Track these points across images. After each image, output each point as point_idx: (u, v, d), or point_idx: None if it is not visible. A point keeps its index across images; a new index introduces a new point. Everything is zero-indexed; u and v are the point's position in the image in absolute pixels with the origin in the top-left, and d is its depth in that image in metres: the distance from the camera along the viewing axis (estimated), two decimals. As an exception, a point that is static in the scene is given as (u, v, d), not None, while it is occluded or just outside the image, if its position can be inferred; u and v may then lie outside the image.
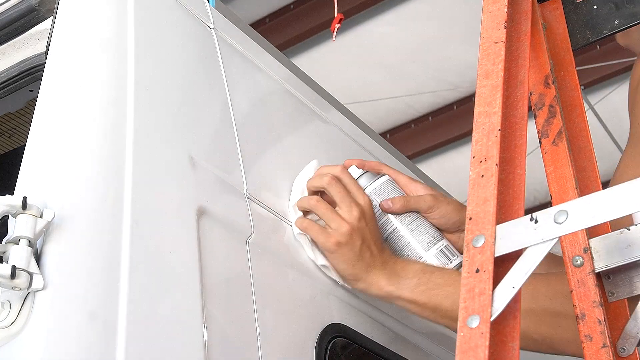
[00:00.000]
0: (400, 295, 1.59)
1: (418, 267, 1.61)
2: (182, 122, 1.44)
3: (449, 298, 1.55)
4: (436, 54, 6.16)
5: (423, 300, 1.57)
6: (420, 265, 1.62)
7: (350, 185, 1.65)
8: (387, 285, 1.59)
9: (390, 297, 1.61)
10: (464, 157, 6.79)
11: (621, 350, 1.12)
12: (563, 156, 1.21)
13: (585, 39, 1.41)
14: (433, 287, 1.57)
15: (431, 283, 1.57)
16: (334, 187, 1.62)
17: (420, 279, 1.58)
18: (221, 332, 1.32)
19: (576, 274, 1.15)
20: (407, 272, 1.60)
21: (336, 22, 2.24)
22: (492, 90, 1.11)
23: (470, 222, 1.02)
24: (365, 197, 1.64)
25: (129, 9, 1.42)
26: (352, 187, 1.64)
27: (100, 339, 1.12)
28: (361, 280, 1.61)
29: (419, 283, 1.58)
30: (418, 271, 1.60)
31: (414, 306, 1.59)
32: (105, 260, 1.18)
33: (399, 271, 1.60)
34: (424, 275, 1.59)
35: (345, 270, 1.61)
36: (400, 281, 1.59)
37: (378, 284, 1.60)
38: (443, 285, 1.56)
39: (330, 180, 1.63)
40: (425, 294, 1.57)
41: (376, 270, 1.60)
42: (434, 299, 1.56)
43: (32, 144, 1.28)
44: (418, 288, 1.58)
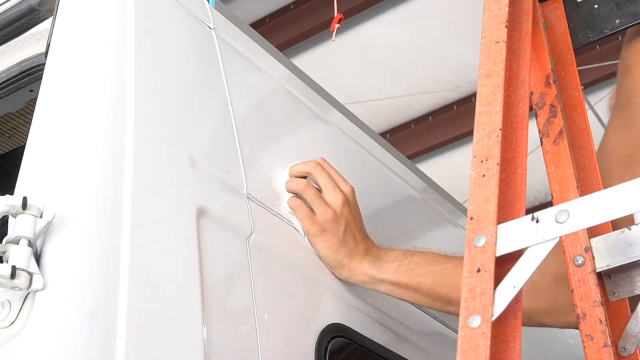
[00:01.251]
0: (384, 278, 1.64)
1: (399, 251, 1.67)
2: (182, 122, 1.44)
3: (429, 276, 1.60)
4: (436, 54, 6.16)
5: (405, 280, 1.62)
6: (401, 250, 1.67)
7: (333, 172, 1.68)
8: (370, 270, 1.64)
9: (373, 280, 1.65)
10: (464, 157, 6.79)
11: (622, 349, 1.12)
12: (564, 156, 1.21)
13: (586, 39, 1.41)
14: (414, 267, 1.62)
15: (412, 264, 1.62)
16: (319, 171, 1.66)
17: (402, 261, 1.64)
18: (221, 332, 1.32)
19: (577, 274, 1.15)
20: (389, 256, 1.65)
21: (336, 22, 2.24)
22: (493, 89, 1.11)
23: (471, 221, 1.02)
24: (347, 185, 1.67)
25: (129, 9, 1.42)
26: (335, 174, 1.68)
27: (100, 339, 1.12)
28: (345, 267, 1.65)
29: (401, 265, 1.63)
30: (399, 255, 1.65)
31: (397, 288, 1.64)
32: (105, 260, 1.18)
33: (382, 256, 1.66)
34: (405, 258, 1.64)
35: (328, 257, 1.64)
36: (383, 265, 1.64)
37: (362, 269, 1.64)
38: (423, 264, 1.61)
39: (315, 165, 1.66)
40: (406, 274, 1.62)
41: (359, 256, 1.65)
42: (415, 279, 1.61)
43: (32, 144, 1.28)
44: (400, 269, 1.63)
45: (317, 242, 1.64)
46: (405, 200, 2.12)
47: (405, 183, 2.12)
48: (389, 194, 2.05)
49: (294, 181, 1.66)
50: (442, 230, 2.28)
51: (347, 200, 1.65)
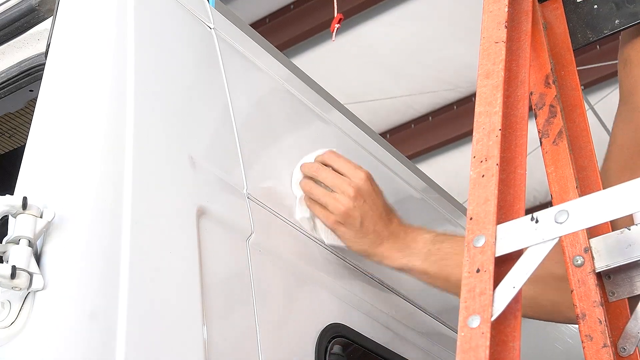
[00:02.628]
0: (413, 267, 1.62)
1: (428, 236, 1.63)
2: (182, 122, 1.44)
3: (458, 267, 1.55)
4: (436, 54, 6.16)
5: (434, 270, 1.59)
6: (431, 235, 1.64)
7: (342, 165, 1.65)
8: (400, 258, 1.62)
9: (403, 269, 1.64)
10: (464, 157, 6.79)
11: (622, 350, 1.12)
12: (564, 156, 1.21)
13: (585, 39, 1.41)
14: (444, 257, 1.59)
15: (441, 252, 1.60)
16: (322, 173, 1.65)
17: (431, 249, 1.61)
18: (221, 332, 1.32)
19: (577, 274, 1.15)
20: (417, 242, 1.63)
21: (336, 22, 2.23)
22: (493, 90, 1.11)
23: (470, 222, 1.02)
24: (360, 173, 1.64)
25: (129, 9, 1.42)
26: (343, 167, 1.65)
27: (100, 339, 1.12)
28: (372, 255, 1.64)
29: (429, 253, 1.60)
30: (428, 241, 1.62)
31: (427, 277, 1.62)
32: (105, 260, 1.18)
33: (410, 242, 1.63)
34: (434, 245, 1.61)
35: (352, 247, 1.64)
36: (412, 253, 1.62)
37: (390, 257, 1.63)
38: (453, 254, 1.58)
39: (317, 167, 1.65)
40: (436, 264, 1.59)
41: (386, 243, 1.63)
42: (445, 269, 1.58)
43: (32, 144, 1.28)
44: (429, 259, 1.60)
45: (338, 234, 1.64)
46: (405, 200, 2.12)
47: (405, 183, 2.12)
48: (389, 194, 2.05)
49: (303, 182, 1.66)
50: (442, 230, 2.28)
51: (359, 190, 1.62)
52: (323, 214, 1.63)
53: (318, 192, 1.64)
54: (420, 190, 2.21)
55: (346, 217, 1.61)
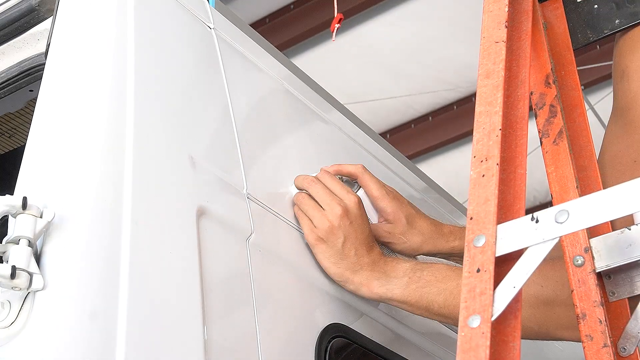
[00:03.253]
0: (392, 297, 1.59)
1: (408, 265, 1.60)
2: (182, 122, 1.44)
3: (440, 295, 1.55)
4: (436, 54, 6.16)
5: (415, 299, 1.57)
6: (410, 264, 1.61)
7: (333, 185, 1.64)
8: (378, 287, 1.59)
9: (380, 299, 1.61)
10: (464, 157, 6.79)
11: (622, 349, 1.12)
12: (564, 156, 1.21)
13: (586, 39, 1.41)
14: (424, 285, 1.56)
15: (422, 281, 1.57)
16: (314, 187, 1.63)
17: (411, 277, 1.58)
18: (221, 332, 1.32)
19: (577, 274, 1.15)
20: (397, 271, 1.59)
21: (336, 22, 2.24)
22: (493, 89, 1.11)
23: (471, 221, 1.02)
24: (351, 196, 1.62)
25: (129, 9, 1.42)
26: (336, 187, 1.63)
27: (100, 339, 1.12)
28: (349, 282, 1.60)
29: (410, 282, 1.57)
30: (408, 270, 1.59)
31: (406, 306, 1.59)
32: (105, 260, 1.18)
33: (389, 271, 1.59)
34: (414, 274, 1.58)
35: (329, 269, 1.60)
36: (390, 281, 1.58)
37: (368, 285, 1.59)
38: (434, 282, 1.56)
39: (310, 181, 1.64)
40: (416, 292, 1.56)
41: (364, 271, 1.59)
42: (426, 297, 1.56)
43: (32, 144, 1.28)
44: (409, 287, 1.57)
45: (316, 252, 1.60)
46: (405, 200, 2.11)
47: (405, 183, 2.12)
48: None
49: (297, 193, 1.65)
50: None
51: (347, 211, 1.60)
52: (308, 227, 1.60)
53: (307, 204, 1.61)
54: (420, 190, 2.21)
55: (329, 234, 1.58)
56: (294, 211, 1.64)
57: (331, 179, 1.65)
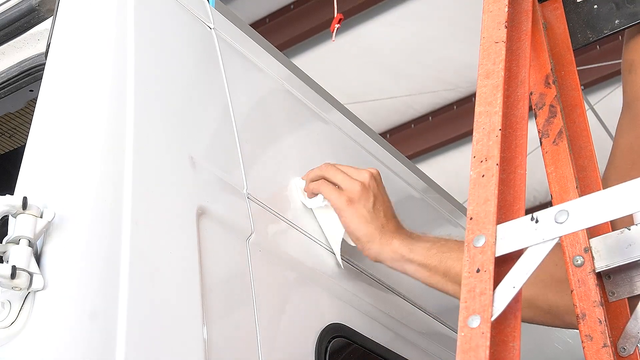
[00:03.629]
0: (413, 258, 1.61)
1: (432, 236, 1.65)
2: (182, 122, 1.44)
3: (459, 261, 1.56)
4: (436, 54, 6.16)
5: (434, 263, 1.59)
6: (434, 236, 1.65)
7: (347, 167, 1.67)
8: (401, 247, 1.61)
9: (402, 259, 1.62)
10: (464, 157, 6.79)
11: (622, 350, 1.12)
12: (564, 156, 1.21)
13: (585, 39, 1.41)
14: (445, 251, 1.59)
15: (444, 247, 1.60)
16: (331, 169, 1.65)
17: (435, 243, 1.61)
18: (221, 332, 1.32)
19: (577, 274, 1.15)
20: (421, 238, 1.63)
21: (336, 22, 2.24)
22: (493, 90, 1.11)
23: (470, 222, 1.02)
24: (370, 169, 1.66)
25: (129, 9, 1.42)
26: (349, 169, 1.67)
27: (100, 339, 1.12)
28: (375, 241, 1.62)
29: (432, 247, 1.61)
30: (432, 238, 1.63)
31: (425, 270, 1.61)
32: (105, 260, 1.18)
33: (414, 237, 1.64)
34: (438, 242, 1.62)
35: (358, 230, 1.62)
36: (414, 244, 1.62)
37: (392, 245, 1.61)
38: (456, 249, 1.59)
39: (325, 166, 1.66)
40: (436, 257, 1.59)
41: (390, 232, 1.62)
42: (446, 262, 1.58)
43: (32, 144, 1.28)
44: (430, 251, 1.60)
45: (347, 214, 1.61)
46: (405, 200, 2.12)
47: (405, 183, 2.12)
48: (389, 194, 2.05)
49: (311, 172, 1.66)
50: (442, 230, 2.28)
51: (372, 175, 1.64)
52: (336, 193, 1.61)
53: (335, 171, 1.63)
54: (420, 190, 2.21)
55: (362, 194, 1.61)
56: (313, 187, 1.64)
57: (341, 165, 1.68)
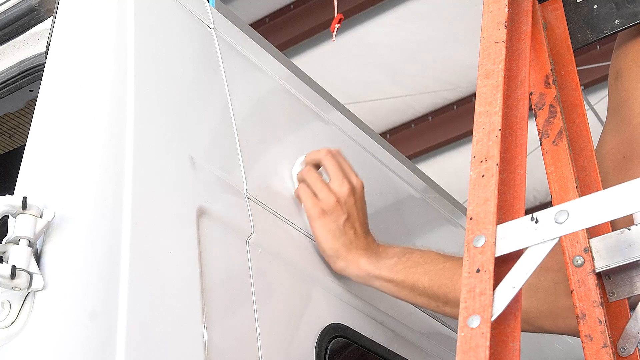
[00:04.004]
0: (379, 275, 1.61)
1: (398, 249, 1.64)
2: (182, 122, 1.44)
3: (426, 275, 1.57)
4: (436, 54, 6.16)
5: (401, 278, 1.59)
6: (400, 248, 1.65)
7: (345, 164, 1.67)
8: (367, 265, 1.62)
9: (368, 276, 1.63)
10: (464, 157, 6.79)
11: (622, 350, 1.12)
12: (564, 156, 1.21)
13: (585, 39, 1.41)
14: (412, 265, 1.59)
15: (410, 262, 1.60)
16: (329, 160, 1.66)
17: (400, 258, 1.61)
18: (221, 332, 1.32)
19: (577, 274, 1.15)
20: (387, 253, 1.63)
21: (336, 22, 2.24)
22: (493, 90, 1.11)
23: (470, 222, 1.02)
24: (358, 179, 1.66)
25: (129, 9, 1.42)
26: (346, 167, 1.67)
27: (100, 339, 1.12)
28: (341, 258, 1.62)
29: (398, 262, 1.61)
30: (398, 252, 1.63)
31: (392, 285, 1.61)
32: (105, 260, 1.18)
33: (380, 252, 1.63)
34: (403, 256, 1.62)
35: (325, 243, 1.62)
36: (380, 261, 1.62)
37: (357, 262, 1.62)
38: (422, 263, 1.59)
39: (326, 153, 1.66)
40: (403, 272, 1.59)
41: (358, 250, 1.63)
42: (412, 277, 1.58)
43: (32, 144, 1.28)
44: (396, 267, 1.60)
45: (316, 225, 1.62)
46: (405, 200, 2.12)
47: (405, 183, 2.12)
48: (389, 194, 2.05)
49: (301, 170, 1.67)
50: (442, 230, 2.28)
51: (353, 191, 1.64)
52: (311, 200, 1.62)
53: (314, 177, 1.64)
54: (420, 190, 2.21)
55: (334, 208, 1.61)
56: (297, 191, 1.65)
57: (342, 157, 1.69)
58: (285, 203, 1.64)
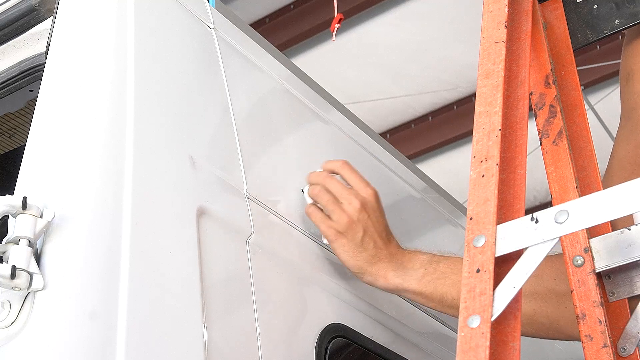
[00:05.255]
0: (407, 288, 1.60)
1: (425, 257, 1.61)
2: (182, 122, 1.44)
3: (455, 286, 1.56)
4: (436, 54, 6.16)
5: (429, 290, 1.58)
6: (427, 256, 1.62)
7: (351, 178, 1.64)
8: (394, 278, 1.60)
9: (397, 290, 1.62)
10: (464, 157, 6.79)
11: (622, 350, 1.12)
12: (564, 156, 1.21)
13: (585, 39, 1.41)
14: (439, 277, 1.58)
15: (437, 272, 1.58)
16: (330, 183, 1.63)
17: (427, 269, 1.59)
18: (221, 332, 1.32)
19: (577, 274, 1.15)
20: (413, 263, 1.61)
21: (336, 22, 2.23)
22: (493, 90, 1.11)
23: (470, 222, 1.02)
24: (368, 189, 1.63)
25: (129, 9, 1.42)
26: (354, 180, 1.64)
27: (100, 339, 1.12)
28: (367, 273, 1.61)
29: (426, 273, 1.59)
30: (424, 262, 1.60)
31: (421, 297, 1.60)
32: (105, 260, 1.18)
33: (406, 263, 1.61)
34: (430, 266, 1.59)
35: (348, 262, 1.61)
36: (407, 273, 1.60)
37: (385, 276, 1.60)
38: (449, 274, 1.57)
39: (327, 176, 1.64)
40: (431, 284, 1.58)
41: (382, 262, 1.61)
42: (440, 289, 1.57)
43: (32, 144, 1.28)
44: (424, 279, 1.58)
45: (335, 247, 1.61)
46: (405, 200, 2.12)
47: (405, 183, 2.12)
48: (389, 194, 2.05)
49: (311, 188, 1.64)
50: (442, 230, 2.28)
51: (365, 204, 1.61)
52: (326, 223, 1.60)
53: (325, 198, 1.61)
54: (420, 190, 2.21)
55: (349, 228, 1.59)
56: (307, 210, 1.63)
57: (349, 171, 1.66)
58: (285, 203, 1.64)
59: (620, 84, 1.45)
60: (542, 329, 1.50)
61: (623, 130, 1.44)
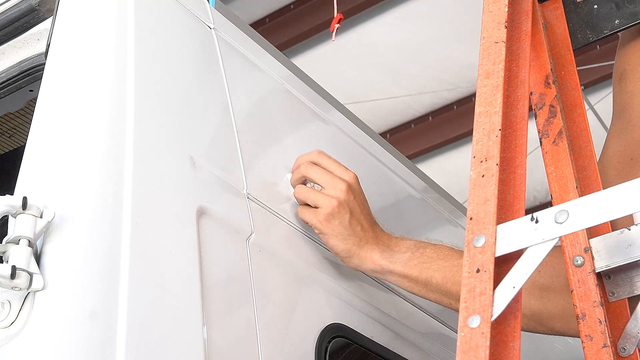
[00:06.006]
0: (393, 270, 1.60)
1: (411, 242, 1.63)
2: (182, 122, 1.44)
3: (440, 271, 1.57)
4: (436, 54, 6.16)
5: (415, 274, 1.59)
6: (414, 241, 1.63)
7: (330, 164, 1.64)
8: (380, 259, 1.61)
9: (383, 271, 1.62)
10: (464, 157, 6.79)
11: (622, 350, 1.12)
12: (563, 156, 1.21)
13: (585, 39, 1.41)
14: (425, 261, 1.59)
15: (424, 257, 1.59)
16: (311, 170, 1.62)
17: (414, 253, 1.60)
18: (221, 332, 1.32)
19: (577, 274, 1.15)
20: (400, 246, 1.62)
21: (336, 22, 2.23)
22: (493, 90, 1.11)
23: (470, 222, 1.02)
24: (350, 173, 1.63)
25: (129, 8, 1.42)
26: (333, 166, 1.64)
27: (100, 339, 1.12)
28: (355, 256, 1.61)
29: (412, 257, 1.60)
30: (411, 246, 1.62)
31: (406, 280, 1.61)
32: (105, 260, 1.18)
33: (393, 246, 1.62)
34: (417, 250, 1.61)
35: (337, 246, 1.61)
36: (394, 255, 1.61)
37: (371, 257, 1.61)
38: (435, 258, 1.58)
39: (306, 166, 1.63)
40: (417, 267, 1.59)
41: (369, 244, 1.61)
42: (426, 272, 1.58)
43: (32, 144, 1.28)
44: (411, 262, 1.59)
45: (324, 232, 1.60)
46: (405, 200, 2.12)
47: (405, 183, 2.12)
48: (389, 194, 2.05)
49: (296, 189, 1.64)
50: (442, 230, 2.28)
51: (349, 187, 1.61)
52: (312, 212, 1.60)
53: (307, 191, 1.62)
54: (420, 190, 2.21)
55: (336, 210, 1.59)
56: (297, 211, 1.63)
57: (327, 159, 1.65)
58: (285, 203, 1.64)
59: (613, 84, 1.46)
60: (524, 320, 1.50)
61: (614, 128, 1.45)
